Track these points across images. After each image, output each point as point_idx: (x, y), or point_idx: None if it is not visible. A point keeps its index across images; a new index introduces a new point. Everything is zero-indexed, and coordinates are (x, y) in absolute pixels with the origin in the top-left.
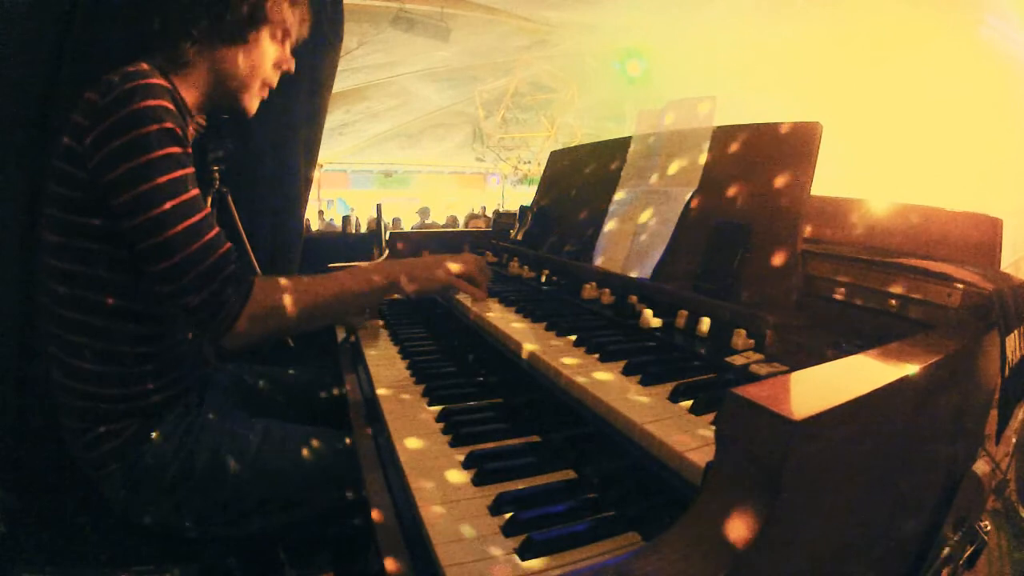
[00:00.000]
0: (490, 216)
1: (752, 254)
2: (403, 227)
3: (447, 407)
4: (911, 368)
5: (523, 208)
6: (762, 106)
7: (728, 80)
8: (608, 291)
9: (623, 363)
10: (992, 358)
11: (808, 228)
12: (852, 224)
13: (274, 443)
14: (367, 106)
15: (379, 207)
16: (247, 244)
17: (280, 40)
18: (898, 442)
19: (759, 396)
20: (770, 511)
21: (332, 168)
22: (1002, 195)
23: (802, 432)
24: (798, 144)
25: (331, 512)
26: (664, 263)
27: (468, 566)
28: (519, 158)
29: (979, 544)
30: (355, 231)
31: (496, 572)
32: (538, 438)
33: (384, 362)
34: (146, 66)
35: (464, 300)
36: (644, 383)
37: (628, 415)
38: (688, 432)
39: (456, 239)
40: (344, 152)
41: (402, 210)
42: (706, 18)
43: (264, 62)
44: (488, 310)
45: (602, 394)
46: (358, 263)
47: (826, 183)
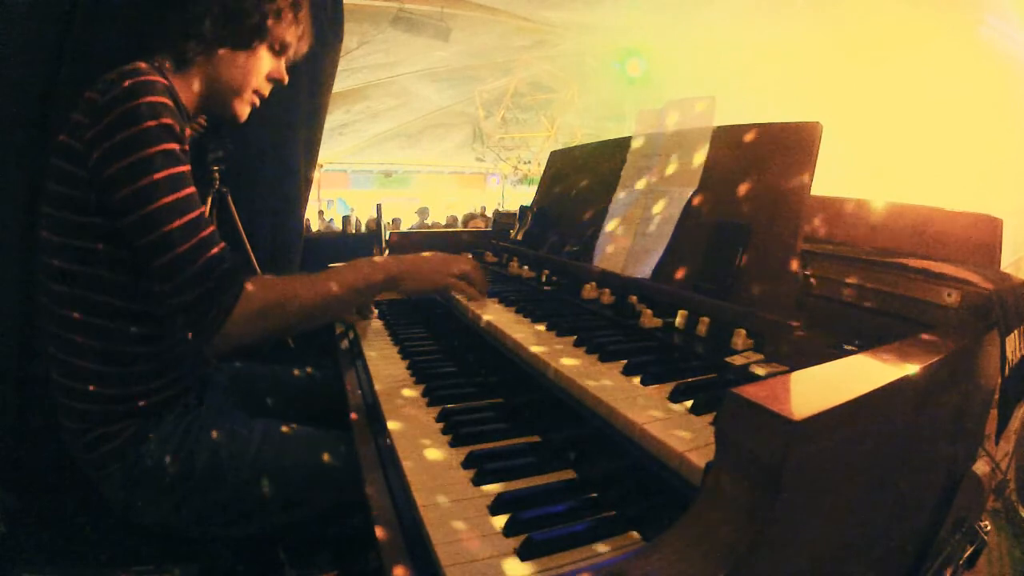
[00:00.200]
0: (489, 216)
1: (752, 254)
2: (403, 227)
3: (447, 407)
4: (911, 368)
5: (523, 208)
6: (762, 106)
7: (728, 80)
8: (608, 291)
9: (623, 363)
10: (992, 358)
11: (808, 228)
12: (852, 224)
13: (274, 443)
14: (367, 106)
15: (379, 207)
16: (247, 244)
17: (277, 54)
18: (898, 442)
19: (759, 396)
20: (770, 511)
21: (332, 168)
22: (1002, 195)
23: (802, 432)
24: (798, 144)
25: (331, 512)
26: (664, 263)
27: (468, 566)
28: (519, 158)
29: (979, 544)
30: (355, 231)
31: (496, 572)
32: (538, 438)
33: (384, 362)
34: (144, 65)
35: (462, 298)
36: (644, 383)
37: (628, 415)
38: (688, 432)
39: (456, 239)
40: (344, 152)
41: (402, 210)
42: (706, 18)
43: (260, 72)
44: (488, 310)
45: (602, 394)
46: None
47: (826, 183)
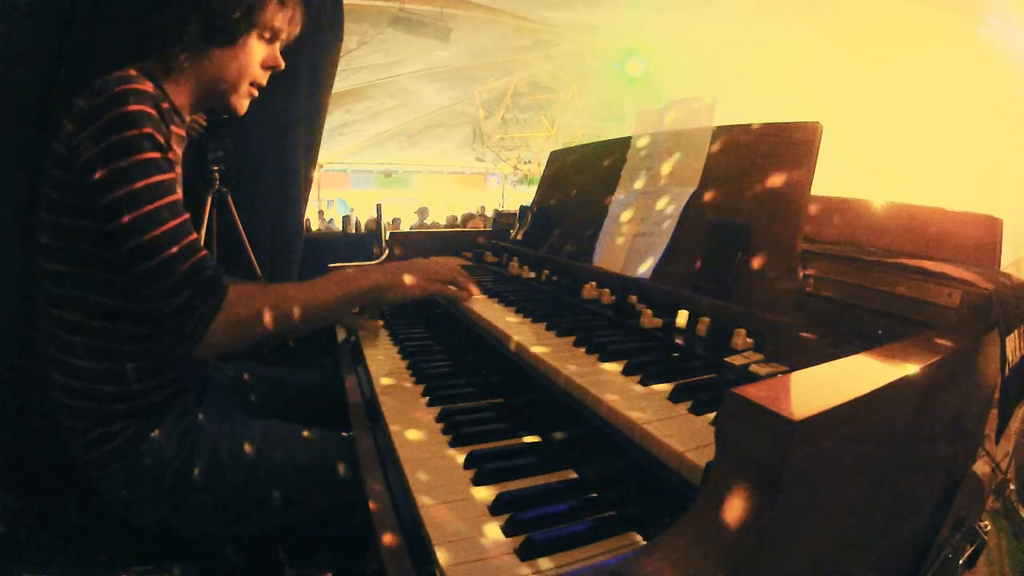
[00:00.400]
0: (489, 216)
1: (752, 254)
2: (403, 227)
3: (447, 407)
4: (911, 368)
5: (523, 208)
6: (762, 106)
7: (728, 80)
8: (608, 291)
9: (623, 363)
10: (992, 358)
11: (808, 228)
12: (852, 224)
13: (274, 443)
14: (367, 106)
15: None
16: (247, 244)
17: (269, 41)
18: (898, 442)
19: (759, 396)
20: (770, 511)
21: (332, 168)
22: (1002, 195)
23: (802, 432)
24: (798, 144)
25: (331, 512)
26: (664, 263)
27: (468, 566)
28: (519, 158)
29: (979, 544)
30: (355, 231)
31: (496, 572)
32: (538, 438)
33: (384, 362)
34: (133, 72)
35: (463, 300)
36: (644, 383)
37: (628, 415)
38: (688, 432)
39: (456, 239)
40: (344, 152)
41: (402, 210)
42: (706, 18)
43: (252, 63)
44: (488, 310)
45: (602, 394)
46: (357, 264)
47: (826, 183)
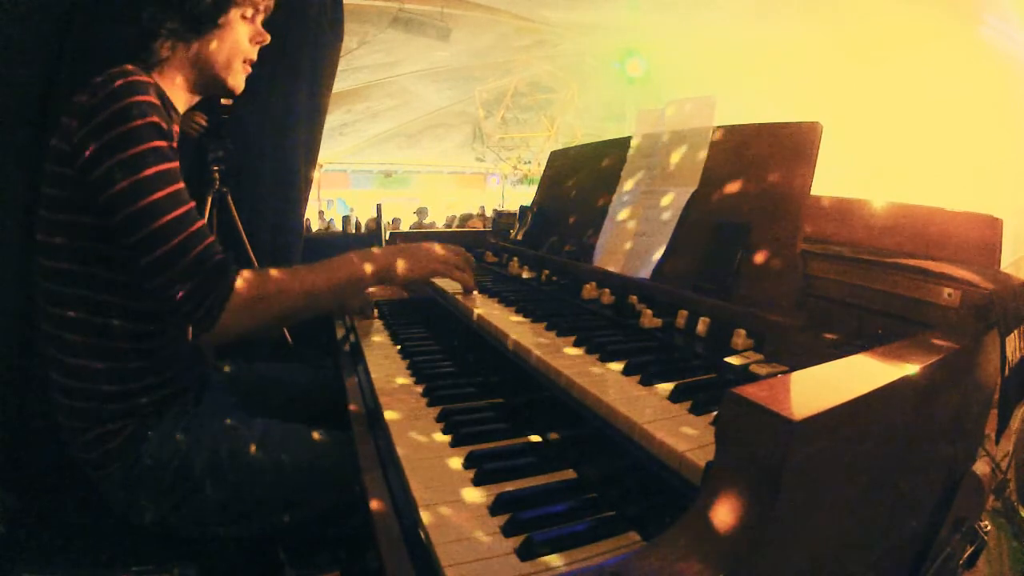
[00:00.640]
0: (488, 216)
1: (752, 254)
2: (402, 227)
3: (447, 407)
4: (911, 368)
5: (523, 208)
6: (762, 106)
7: (728, 80)
8: (608, 291)
9: (623, 363)
10: (992, 358)
11: (808, 228)
12: (852, 224)
13: (273, 443)
14: (367, 106)
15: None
16: (247, 244)
17: (251, 18)
18: (898, 442)
19: (759, 396)
20: (770, 511)
21: (332, 168)
22: (1002, 195)
23: (802, 432)
24: (798, 144)
25: (331, 512)
26: (664, 263)
27: (468, 566)
28: (519, 158)
29: (979, 544)
30: (355, 231)
31: (496, 572)
32: (538, 438)
33: (384, 362)
34: (131, 67)
35: (461, 298)
36: (644, 383)
37: (628, 415)
38: (688, 432)
39: (456, 239)
40: (344, 152)
41: (402, 210)
42: (706, 18)
43: (240, 40)
44: (487, 310)
45: (602, 394)
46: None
47: (827, 183)
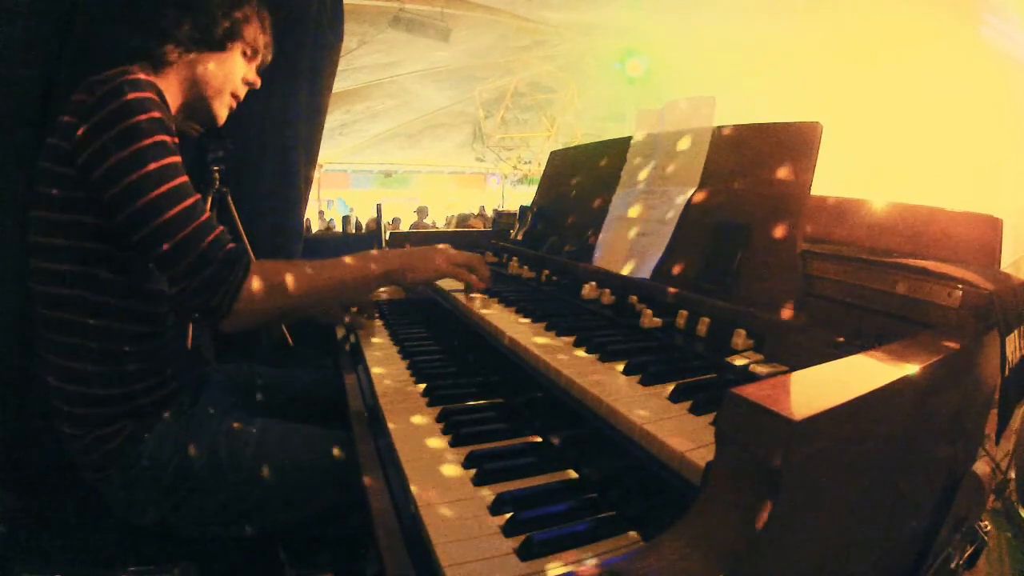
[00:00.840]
0: (488, 216)
1: (752, 254)
2: (402, 227)
3: (447, 407)
4: (911, 368)
5: (523, 208)
6: (762, 106)
7: (728, 80)
8: (608, 291)
9: (623, 363)
10: (992, 358)
11: (808, 228)
12: (852, 224)
13: (273, 443)
14: (367, 106)
15: (379, 207)
16: (247, 244)
17: (249, 58)
18: (898, 442)
19: (759, 396)
20: (770, 511)
21: (332, 168)
22: (1002, 195)
23: (802, 432)
24: (798, 144)
25: (331, 512)
26: (664, 263)
27: (468, 566)
28: (519, 158)
29: (979, 544)
30: (355, 231)
31: (496, 572)
32: (538, 438)
33: (384, 362)
34: (127, 68)
35: (461, 297)
36: (644, 383)
37: (628, 415)
38: (688, 432)
39: (456, 239)
40: (344, 152)
41: (402, 210)
42: (707, 18)
43: (236, 74)
44: (487, 310)
45: (602, 394)
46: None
47: (827, 183)
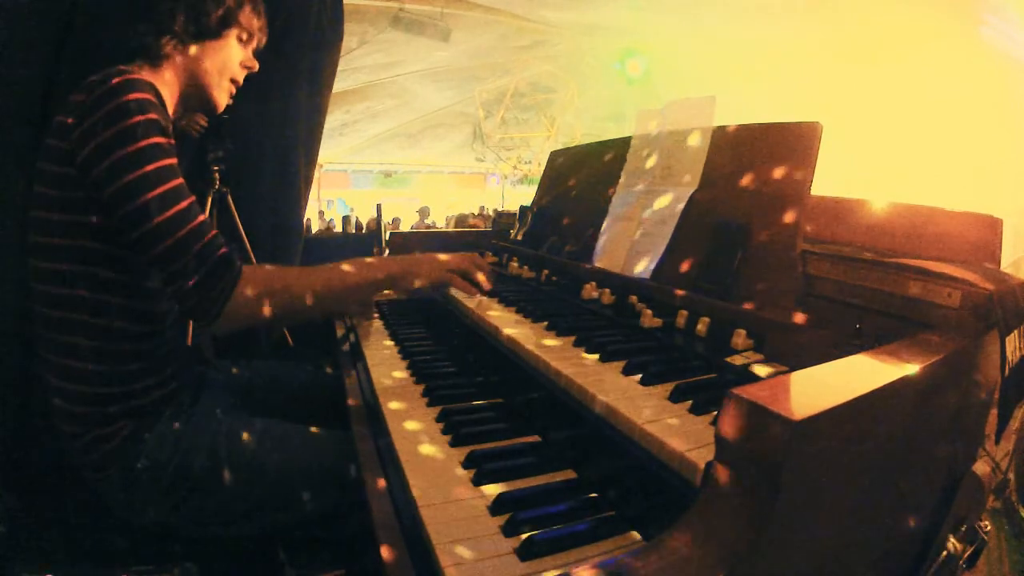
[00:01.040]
0: (487, 215)
1: (752, 254)
2: (403, 227)
3: (447, 407)
4: (911, 368)
5: (523, 208)
6: (762, 106)
7: (728, 80)
8: (608, 291)
9: (623, 363)
10: (992, 358)
11: (808, 228)
12: (852, 224)
13: (273, 443)
14: (367, 106)
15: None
16: (247, 244)
17: (245, 43)
18: (898, 442)
19: (759, 396)
20: (770, 511)
21: (332, 168)
22: (1002, 195)
23: (802, 432)
24: (798, 144)
25: (331, 512)
26: (664, 263)
27: (468, 566)
28: (519, 158)
29: (979, 544)
30: (355, 231)
31: (496, 572)
32: (538, 438)
33: (384, 362)
34: (125, 67)
35: (462, 298)
36: (644, 383)
37: (628, 415)
38: (688, 432)
39: (456, 239)
40: (344, 152)
41: (402, 210)
42: (707, 18)
43: (233, 60)
44: (488, 310)
45: (602, 394)
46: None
47: (827, 183)
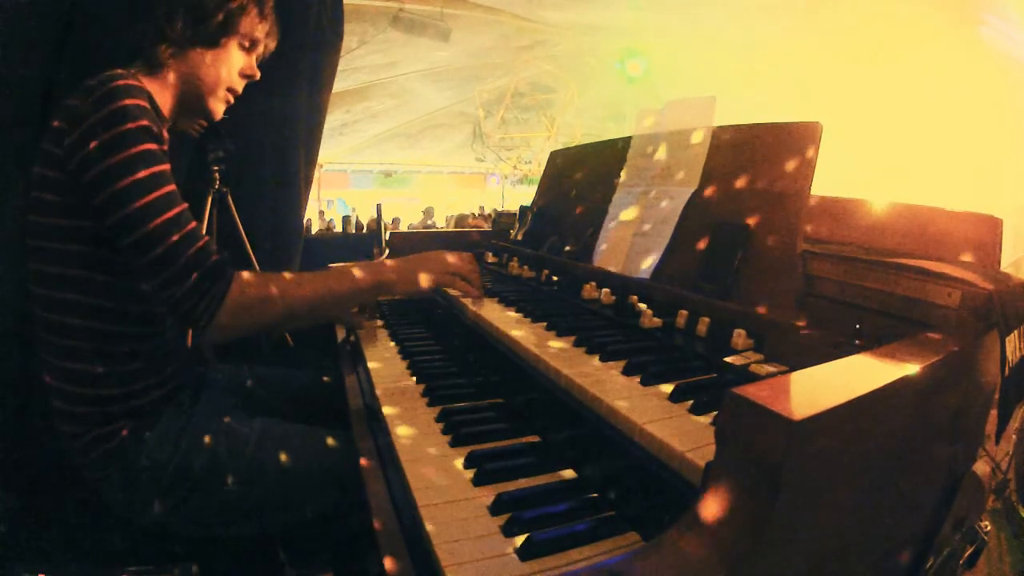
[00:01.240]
0: (487, 215)
1: (752, 254)
2: (403, 227)
3: (447, 407)
4: (911, 368)
5: (523, 208)
6: (763, 106)
7: (728, 80)
8: (608, 291)
9: (623, 363)
10: (992, 358)
11: (808, 228)
12: (852, 224)
13: (273, 443)
14: (367, 106)
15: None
16: (247, 244)
17: (247, 50)
18: (898, 442)
19: (759, 396)
20: (770, 511)
21: (332, 168)
22: (1002, 195)
23: (802, 432)
24: (798, 144)
25: (331, 512)
26: (664, 263)
27: (468, 566)
28: (519, 158)
29: (979, 544)
30: (355, 231)
31: (496, 572)
32: (538, 438)
33: (384, 362)
34: (121, 71)
35: (461, 297)
36: (644, 383)
37: (628, 415)
38: (688, 432)
39: (456, 240)
40: (344, 152)
41: (402, 210)
42: (707, 18)
43: (232, 68)
44: (488, 310)
45: (602, 394)
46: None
47: (827, 183)
